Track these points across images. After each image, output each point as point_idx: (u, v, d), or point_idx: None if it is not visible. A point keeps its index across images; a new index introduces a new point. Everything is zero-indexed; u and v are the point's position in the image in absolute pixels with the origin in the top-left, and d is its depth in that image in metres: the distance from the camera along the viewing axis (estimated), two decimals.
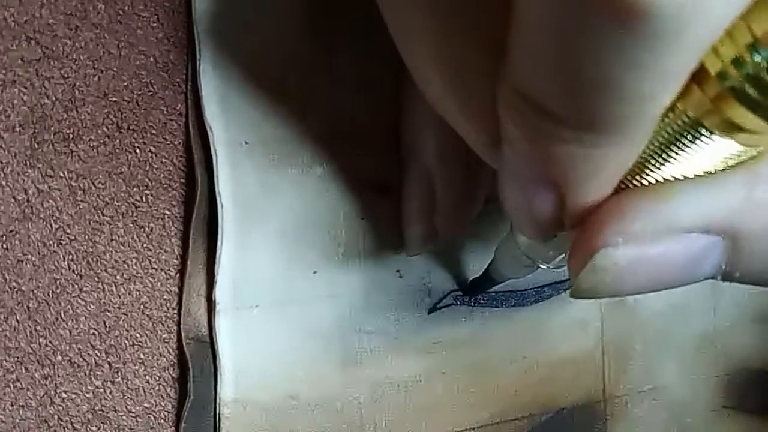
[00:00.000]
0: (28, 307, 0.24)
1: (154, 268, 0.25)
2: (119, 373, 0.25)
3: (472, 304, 0.30)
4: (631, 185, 0.17)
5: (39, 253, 0.24)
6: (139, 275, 0.25)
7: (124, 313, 0.25)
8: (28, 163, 0.23)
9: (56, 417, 0.24)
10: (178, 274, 0.26)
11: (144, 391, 0.26)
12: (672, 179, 0.17)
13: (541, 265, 0.24)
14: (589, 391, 0.33)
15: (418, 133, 0.26)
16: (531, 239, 0.23)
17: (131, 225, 0.25)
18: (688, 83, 0.15)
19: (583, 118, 0.15)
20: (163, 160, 0.25)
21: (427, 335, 0.30)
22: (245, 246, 0.26)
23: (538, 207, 0.18)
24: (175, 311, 0.26)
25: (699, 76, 0.15)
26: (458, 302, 0.30)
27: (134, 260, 0.25)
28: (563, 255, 0.23)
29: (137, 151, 0.25)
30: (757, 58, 0.14)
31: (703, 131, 0.16)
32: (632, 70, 0.13)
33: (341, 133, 0.27)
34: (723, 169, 0.17)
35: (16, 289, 0.24)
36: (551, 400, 0.33)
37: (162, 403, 0.26)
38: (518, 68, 0.15)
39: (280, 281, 0.27)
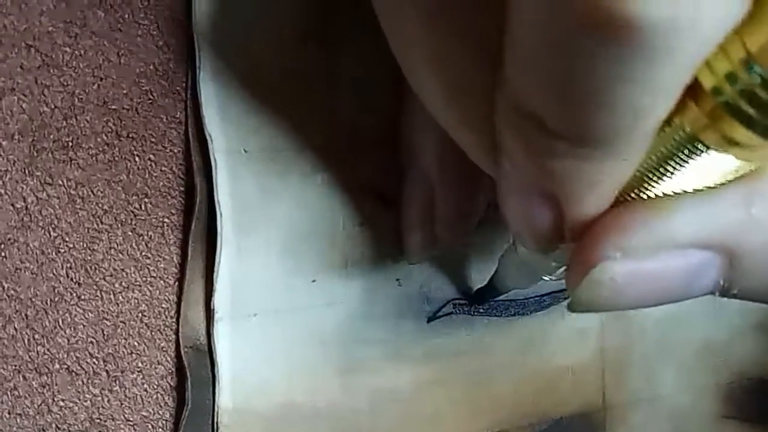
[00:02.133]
0: (26, 315, 0.24)
1: (152, 277, 0.25)
2: (117, 382, 0.25)
3: (472, 313, 0.30)
4: (629, 199, 0.17)
5: (37, 261, 0.24)
6: (138, 283, 0.25)
7: (122, 322, 0.25)
8: (27, 171, 0.23)
9: (54, 425, 0.24)
10: (176, 283, 0.26)
11: (142, 400, 0.25)
12: (670, 193, 0.17)
13: (544, 277, 0.24)
14: (589, 400, 0.33)
15: (418, 140, 0.26)
16: (532, 251, 0.23)
17: (130, 233, 0.25)
18: (684, 98, 0.14)
19: (578, 132, 0.15)
20: (163, 168, 0.25)
21: (426, 344, 0.30)
22: (244, 254, 0.26)
23: (537, 220, 0.18)
24: (174, 319, 0.26)
25: (694, 91, 0.14)
26: (457, 311, 0.30)
27: (133, 268, 0.25)
28: (565, 267, 0.23)
29: (136, 159, 0.25)
30: (751, 74, 0.13)
31: (700, 146, 0.15)
32: (625, 85, 0.13)
33: (341, 140, 0.27)
34: (721, 184, 0.16)
35: (14, 297, 0.23)
36: (551, 409, 0.32)
37: (160, 412, 0.26)
38: (514, 82, 0.15)
39: (279, 289, 0.27)
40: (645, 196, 0.17)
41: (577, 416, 0.33)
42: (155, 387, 0.26)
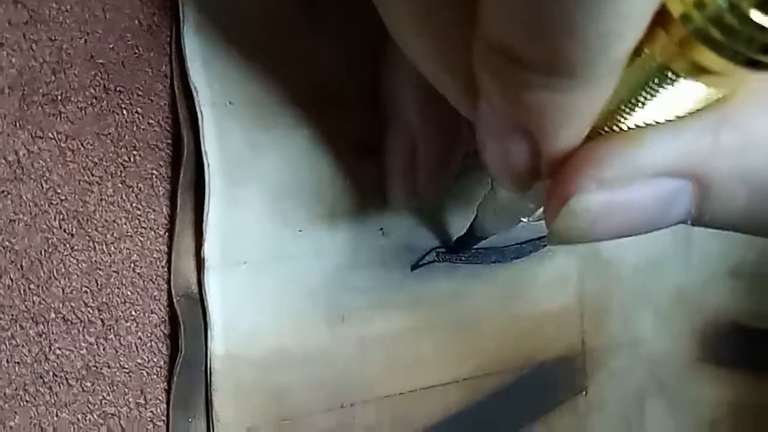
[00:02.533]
0: (21, 266, 0.24)
1: (143, 227, 0.26)
2: (112, 330, 0.26)
3: (454, 261, 0.31)
4: (602, 133, 0.18)
5: (31, 213, 0.24)
6: (129, 234, 0.26)
7: (115, 271, 0.26)
8: (17, 124, 0.24)
9: (51, 373, 0.25)
10: (167, 233, 0.26)
11: (136, 347, 0.26)
12: (643, 125, 0.17)
13: (522, 219, 0.25)
14: (569, 345, 0.34)
15: (399, 90, 0.27)
16: (511, 192, 0.24)
17: (120, 185, 0.25)
18: (654, 27, 0.15)
19: (550, 62, 0.15)
20: (150, 120, 0.26)
21: (410, 292, 0.31)
22: (232, 204, 0.27)
23: (515, 157, 0.19)
24: (165, 269, 0.26)
25: (663, 19, 0.15)
26: (440, 259, 0.31)
27: (124, 219, 0.26)
28: (542, 208, 0.24)
29: (124, 112, 0.25)
30: (719, 0, 0.14)
31: (670, 75, 0.16)
32: (592, 10, 0.13)
33: (324, 92, 0.28)
34: (691, 113, 0.17)
35: (9, 249, 0.24)
36: (532, 354, 0.33)
37: (154, 359, 0.27)
38: (489, 18, 0.16)
39: (267, 239, 0.27)
40: (617, 129, 0.17)
41: (558, 360, 0.34)
42: (149, 335, 0.26)
